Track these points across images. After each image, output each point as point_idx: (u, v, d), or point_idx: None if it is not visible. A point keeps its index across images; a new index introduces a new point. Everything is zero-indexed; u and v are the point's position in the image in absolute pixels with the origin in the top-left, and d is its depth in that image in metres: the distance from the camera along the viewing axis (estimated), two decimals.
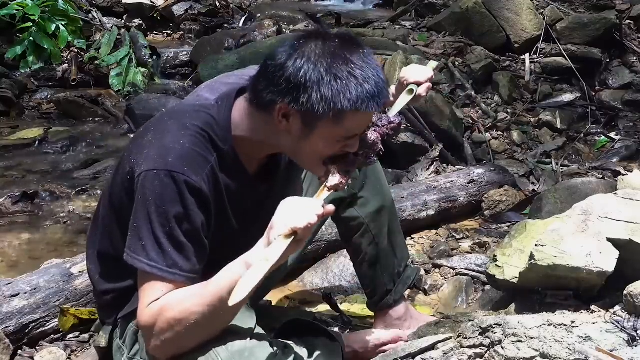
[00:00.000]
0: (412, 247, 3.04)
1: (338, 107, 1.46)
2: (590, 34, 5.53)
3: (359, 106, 1.47)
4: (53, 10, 5.46)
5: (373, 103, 1.48)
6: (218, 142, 1.57)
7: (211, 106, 1.61)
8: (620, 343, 1.65)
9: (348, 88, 1.46)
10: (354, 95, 1.46)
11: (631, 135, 4.74)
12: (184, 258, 1.49)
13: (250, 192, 1.67)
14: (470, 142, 4.35)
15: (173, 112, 1.64)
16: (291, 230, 1.38)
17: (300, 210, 1.41)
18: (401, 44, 5.23)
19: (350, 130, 1.53)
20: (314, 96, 1.46)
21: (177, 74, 5.74)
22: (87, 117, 4.97)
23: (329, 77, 1.46)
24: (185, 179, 1.48)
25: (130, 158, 1.57)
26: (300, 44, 1.50)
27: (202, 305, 1.44)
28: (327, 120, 1.48)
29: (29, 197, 3.53)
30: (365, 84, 1.47)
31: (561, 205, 2.97)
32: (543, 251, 1.88)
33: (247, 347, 1.49)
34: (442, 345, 1.82)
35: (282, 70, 1.49)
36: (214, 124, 1.57)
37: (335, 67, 1.46)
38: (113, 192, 1.65)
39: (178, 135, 1.53)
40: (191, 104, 1.66)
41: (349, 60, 1.47)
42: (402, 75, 2.04)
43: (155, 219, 1.47)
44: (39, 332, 2.21)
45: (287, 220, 1.40)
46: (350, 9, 7.47)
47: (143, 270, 1.48)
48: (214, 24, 6.51)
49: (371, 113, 1.52)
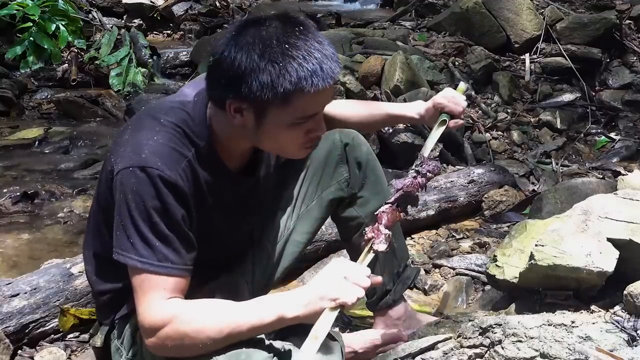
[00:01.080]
0: (412, 247, 3.04)
1: (280, 90, 1.42)
2: (590, 34, 5.53)
3: (302, 86, 1.43)
4: (53, 10, 5.47)
5: (317, 79, 1.43)
6: (194, 137, 1.56)
7: (187, 102, 1.60)
8: (620, 343, 1.65)
9: (286, 70, 1.41)
10: (294, 76, 1.42)
11: (631, 135, 4.73)
12: (172, 251, 1.48)
13: (232, 187, 1.66)
14: (470, 142, 4.35)
15: (150, 109, 1.63)
16: (339, 304, 1.40)
17: (350, 284, 1.42)
18: (401, 44, 5.23)
19: (303, 111, 1.48)
20: (254, 85, 1.42)
21: (177, 74, 5.75)
22: (87, 117, 4.97)
23: (263, 62, 1.42)
24: (158, 173, 1.47)
25: (110, 157, 1.57)
26: (233, 35, 1.47)
27: (219, 333, 1.44)
28: (274, 106, 1.45)
29: (29, 197, 3.53)
30: (304, 62, 1.42)
31: (561, 205, 2.96)
32: (543, 251, 1.88)
33: (244, 350, 1.49)
34: (442, 345, 1.82)
35: (219, 64, 1.47)
36: (189, 120, 1.57)
37: (269, 51, 1.42)
38: (100, 192, 1.65)
39: (152, 132, 1.52)
40: (169, 101, 1.66)
41: (284, 42, 1.43)
42: (438, 100, 2.02)
43: (137, 215, 1.47)
44: (39, 332, 2.21)
45: (337, 293, 1.41)
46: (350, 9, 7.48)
47: (134, 267, 1.48)
48: (214, 24, 6.52)
49: (322, 90, 1.45)
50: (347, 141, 1.99)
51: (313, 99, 1.47)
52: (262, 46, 1.43)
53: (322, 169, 1.99)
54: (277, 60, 1.42)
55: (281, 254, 1.97)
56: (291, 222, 1.98)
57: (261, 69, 1.42)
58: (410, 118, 2.13)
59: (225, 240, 1.76)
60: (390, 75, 4.32)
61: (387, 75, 4.37)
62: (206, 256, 1.57)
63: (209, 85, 1.54)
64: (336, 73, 1.48)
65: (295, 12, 1.66)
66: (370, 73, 4.43)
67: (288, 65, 1.42)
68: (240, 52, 1.44)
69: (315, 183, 1.99)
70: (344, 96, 4.08)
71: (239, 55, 1.43)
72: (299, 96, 1.45)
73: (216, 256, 1.67)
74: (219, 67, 1.48)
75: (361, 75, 4.42)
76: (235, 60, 1.44)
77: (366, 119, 2.10)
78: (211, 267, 1.77)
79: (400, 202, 1.68)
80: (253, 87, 1.43)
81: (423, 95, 4.09)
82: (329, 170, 1.99)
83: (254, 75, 1.42)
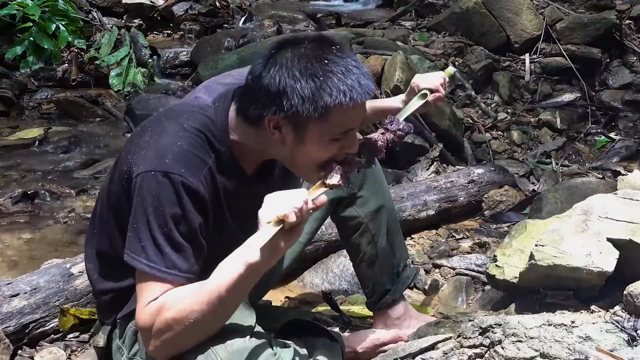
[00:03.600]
0: (412, 247, 3.04)
1: (321, 103, 1.45)
2: (590, 34, 5.54)
3: (342, 99, 1.46)
4: (53, 10, 5.46)
5: (356, 94, 1.47)
6: (215, 143, 1.57)
7: (208, 107, 1.61)
8: (620, 343, 1.64)
9: (327, 83, 1.45)
10: (335, 89, 1.45)
11: (631, 135, 4.74)
12: (182, 259, 1.49)
13: (248, 192, 1.67)
14: (470, 142, 4.35)
15: (171, 112, 1.63)
16: (277, 217, 1.37)
17: (285, 197, 1.40)
18: (401, 44, 5.23)
19: (341, 126, 1.51)
20: (295, 99, 1.46)
21: (177, 74, 5.75)
22: (87, 117, 4.97)
23: (304, 77, 1.45)
24: (182, 180, 1.48)
25: (127, 158, 1.56)
26: (272, 54, 1.50)
27: (201, 304, 1.44)
28: (314, 120, 1.48)
29: (29, 197, 3.54)
30: (343, 77, 1.46)
31: (561, 205, 2.97)
32: (543, 251, 1.88)
33: (247, 346, 1.49)
34: (442, 345, 1.82)
35: (259, 82, 1.50)
36: (211, 125, 1.58)
37: (309, 67, 1.46)
38: (111, 191, 1.64)
39: (175, 137, 1.53)
40: (188, 105, 1.67)
41: (323, 58, 1.47)
42: (414, 81, 2.04)
43: (153, 220, 1.47)
44: (39, 332, 2.21)
45: (272, 207, 1.39)
46: (350, 9, 7.48)
47: (142, 270, 1.48)
48: (214, 24, 6.51)
49: (359, 105, 1.50)
50: None
51: (351, 113, 1.50)
52: (302, 63, 1.46)
53: None
54: (317, 74, 1.46)
55: None
56: None
57: (302, 84, 1.45)
58: (395, 108, 2.10)
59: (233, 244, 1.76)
60: (390, 75, 4.32)
61: (387, 75, 4.37)
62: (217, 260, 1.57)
63: (246, 103, 1.55)
64: (372, 89, 1.51)
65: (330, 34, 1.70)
66: (371, 73, 4.41)
67: (328, 80, 1.46)
68: (280, 69, 1.47)
69: None
70: None
71: (280, 72, 1.47)
72: (338, 111, 1.47)
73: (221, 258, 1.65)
74: (258, 84, 1.50)
75: None
76: (276, 77, 1.47)
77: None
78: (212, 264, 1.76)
79: (362, 151, 1.66)
80: (294, 101, 1.46)
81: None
82: None
83: (295, 91, 1.46)
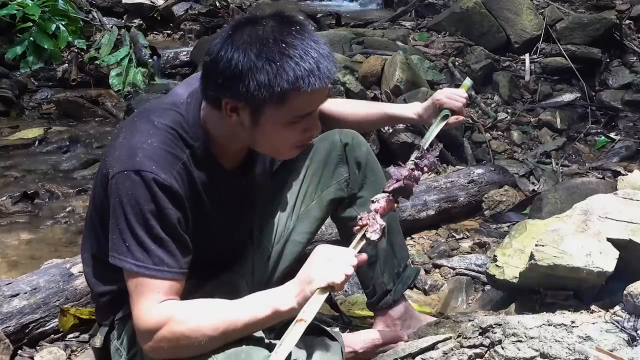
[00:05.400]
0: (412, 247, 3.04)
1: (277, 89, 1.43)
2: (590, 34, 5.53)
3: (299, 85, 1.43)
4: (53, 10, 5.46)
5: (314, 79, 1.44)
6: (188, 139, 1.56)
7: (181, 103, 1.60)
8: (620, 343, 1.64)
9: (283, 69, 1.42)
10: (292, 75, 1.42)
11: (631, 135, 4.73)
12: (168, 254, 1.48)
13: (228, 186, 1.66)
14: (470, 142, 4.35)
15: (143, 111, 1.62)
16: (329, 284, 1.40)
17: (336, 264, 1.42)
18: (401, 44, 5.23)
19: (299, 110, 1.49)
20: (251, 84, 1.43)
21: (177, 74, 5.74)
22: (87, 117, 4.97)
23: (260, 61, 1.42)
24: (153, 177, 1.47)
25: (105, 160, 1.57)
26: (230, 34, 1.47)
27: (215, 330, 1.44)
28: (271, 105, 1.46)
29: (29, 197, 3.54)
30: (301, 61, 1.42)
31: (561, 205, 2.97)
32: (543, 251, 1.88)
33: (244, 349, 1.49)
34: (442, 345, 1.82)
35: (215, 63, 1.47)
36: (182, 121, 1.57)
37: (266, 50, 1.42)
38: (95, 193, 1.65)
39: (146, 135, 1.52)
40: (161, 102, 1.66)
41: (281, 41, 1.43)
42: (437, 97, 2.03)
43: (132, 219, 1.46)
44: (39, 332, 2.21)
45: (324, 275, 1.41)
46: (350, 9, 7.47)
47: (130, 270, 1.48)
48: (214, 24, 6.51)
49: (319, 89, 1.46)
50: (346, 141, 2.00)
51: (309, 98, 1.47)
52: (259, 45, 1.43)
53: (322, 169, 1.99)
54: (274, 59, 1.42)
55: (281, 254, 1.98)
56: (291, 222, 1.98)
57: (258, 68, 1.42)
58: (409, 119, 2.13)
59: (224, 239, 1.76)
60: (390, 75, 4.32)
61: (387, 75, 4.37)
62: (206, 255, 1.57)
63: (205, 84, 1.53)
64: (332, 72, 1.48)
65: (291, 12, 1.66)
66: (370, 73, 4.42)
67: (285, 64, 1.42)
68: (237, 51, 1.44)
69: (315, 183, 2.00)
70: (344, 96, 4.08)
71: (236, 55, 1.43)
72: (295, 95, 1.45)
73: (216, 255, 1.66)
74: (215, 67, 1.47)
75: (361, 75, 4.41)
76: (232, 60, 1.44)
77: (364, 119, 2.10)
78: (211, 266, 1.77)
79: (396, 193, 1.67)
80: (250, 86, 1.43)
81: (423, 95, 4.09)
82: (328, 170, 2.00)
83: (251, 75, 1.42)
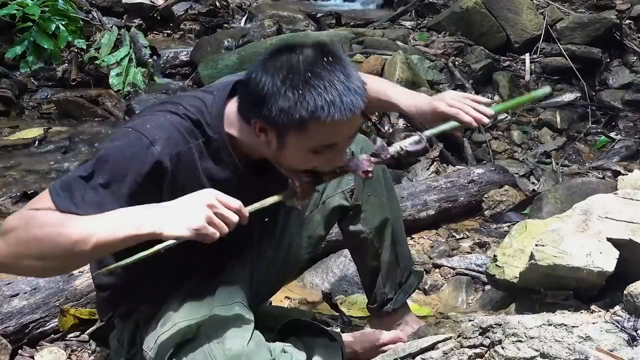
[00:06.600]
0: (412, 247, 3.04)
1: (296, 117, 1.44)
2: (590, 33, 5.53)
3: (318, 115, 1.43)
4: (53, 10, 5.45)
5: (334, 110, 1.43)
6: (207, 129, 1.58)
7: (207, 96, 1.63)
8: (620, 343, 1.64)
9: (304, 97, 1.43)
10: (312, 104, 1.43)
11: (631, 135, 4.73)
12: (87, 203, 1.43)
13: (240, 184, 1.66)
14: (470, 142, 4.34)
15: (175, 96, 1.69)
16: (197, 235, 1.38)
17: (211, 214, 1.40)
18: (401, 44, 5.23)
19: (321, 140, 1.49)
20: (273, 108, 1.45)
21: (177, 74, 5.73)
22: (87, 117, 4.96)
23: (284, 87, 1.44)
24: (148, 144, 1.48)
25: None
26: (267, 58, 1.50)
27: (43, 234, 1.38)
28: (292, 132, 1.47)
29: (29, 197, 3.53)
30: (324, 92, 1.43)
31: (561, 205, 2.97)
32: (543, 251, 1.88)
33: (244, 352, 1.49)
34: (442, 345, 1.82)
35: (248, 84, 1.51)
36: (205, 111, 1.59)
37: (292, 77, 1.44)
38: None
39: (167, 113, 1.57)
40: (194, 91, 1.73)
41: (310, 71, 1.44)
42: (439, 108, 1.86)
43: (92, 161, 1.47)
44: (39, 332, 2.21)
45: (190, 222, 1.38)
46: (350, 9, 7.46)
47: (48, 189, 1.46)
48: (214, 24, 6.50)
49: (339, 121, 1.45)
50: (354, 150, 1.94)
51: (330, 129, 1.47)
52: (286, 72, 1.45)
53: None
54: (297, 87, 1.44)
55: (282, 258, 1.96)
56: (293, 227, 1.97)
57: (281, 94, 1.44)
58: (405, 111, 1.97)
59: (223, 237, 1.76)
60: (390, 75, 4.32)
61: (387, 75, 4.37)
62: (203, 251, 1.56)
63: (240, 101, 1.57)
64: (356, 106, 1.47)
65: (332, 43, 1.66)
66: (371, 73, 4.42)
67: (307, 93, 1.43)
68: (266, 75, 1.46)
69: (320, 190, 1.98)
70: None
71: (264, 78, 1.46)
72: (315, 125, 1.45)
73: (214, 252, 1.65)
74: (247, 87, 1.51)
75: None
76: (260, 83, 1.47)
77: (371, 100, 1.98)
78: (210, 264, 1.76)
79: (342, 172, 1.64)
80: (273, 110, 1.45)
81: None
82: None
83: (274, 100, 1.45)
